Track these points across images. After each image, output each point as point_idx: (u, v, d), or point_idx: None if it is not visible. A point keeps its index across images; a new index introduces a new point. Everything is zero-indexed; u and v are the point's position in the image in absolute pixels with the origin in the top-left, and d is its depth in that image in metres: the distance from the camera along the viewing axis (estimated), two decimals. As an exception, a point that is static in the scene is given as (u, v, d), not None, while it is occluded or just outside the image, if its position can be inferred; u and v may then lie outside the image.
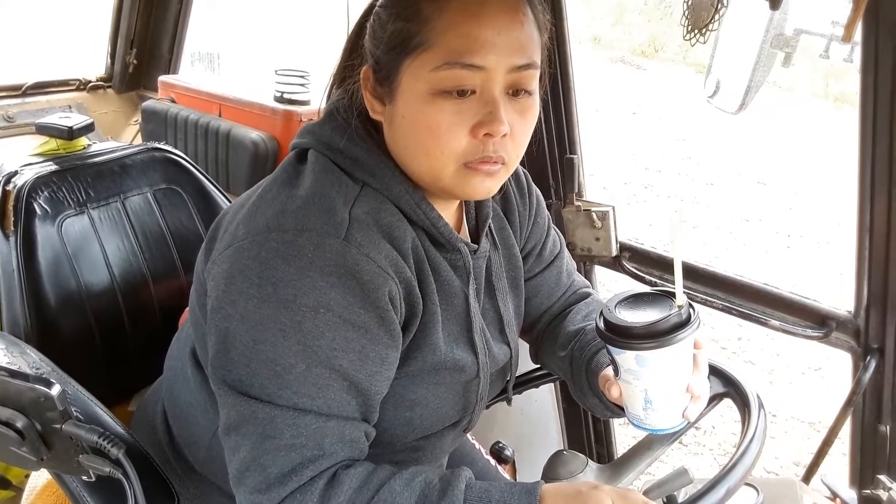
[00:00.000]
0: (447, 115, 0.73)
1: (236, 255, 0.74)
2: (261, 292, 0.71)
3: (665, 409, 0.78)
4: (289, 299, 0.70)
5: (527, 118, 0.78)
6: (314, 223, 0.73)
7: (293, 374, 0.70)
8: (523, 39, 0.74)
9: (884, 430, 1.24)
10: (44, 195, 1.16)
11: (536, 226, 1.02)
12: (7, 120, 2.14)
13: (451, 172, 0.76)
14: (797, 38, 1.02)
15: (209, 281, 0.78)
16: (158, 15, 2.29)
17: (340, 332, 0.71)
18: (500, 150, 0.76)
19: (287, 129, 1.91)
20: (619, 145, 6.54)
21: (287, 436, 0.70)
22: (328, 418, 0.72)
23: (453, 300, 0.85)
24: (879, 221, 1.13)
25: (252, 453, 0.71)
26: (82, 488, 0.90)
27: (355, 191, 0.78)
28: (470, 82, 0.73)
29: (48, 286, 1.14)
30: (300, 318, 0.70)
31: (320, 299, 0.70)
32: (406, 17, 0.75)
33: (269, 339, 0.70)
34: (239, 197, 0.87)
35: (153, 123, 2.13)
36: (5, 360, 0.97)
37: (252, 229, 0.75)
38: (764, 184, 6.16)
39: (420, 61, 0.74)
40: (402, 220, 0.79)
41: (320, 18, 7.43)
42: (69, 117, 1.27)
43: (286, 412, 0.70)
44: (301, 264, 0.70)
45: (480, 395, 0.91)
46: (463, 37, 0.72)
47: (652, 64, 10.24)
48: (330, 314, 0.70)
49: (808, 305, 1.29)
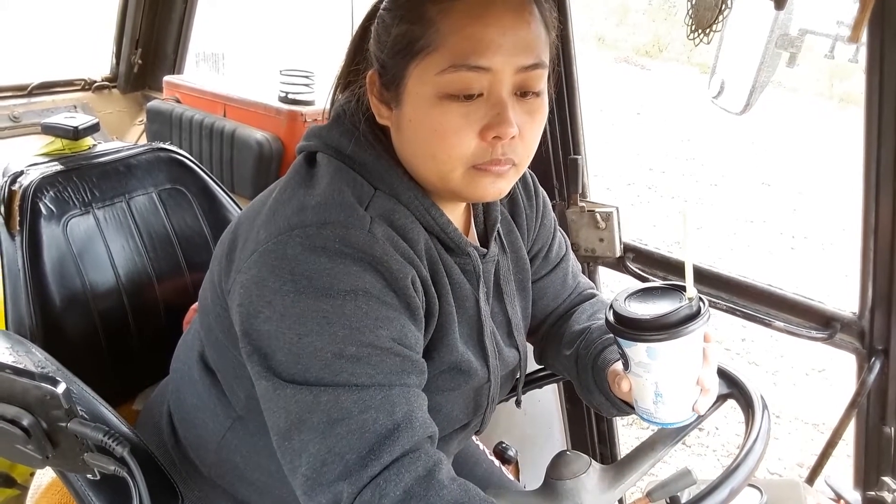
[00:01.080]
0: (454, 118, 0.73)
1: (262, 258, 0.73)
2: (296, 287, 0.70)
3: (675, 402, 0.79)
4: (326, 287, 0.69)
5: (536, 118, 0.77)
6: (336, 216, 0.73)
7: (345, 357, 0.69)
8: (530, 39, 0.73)
9: (888, 432, 1.24)
10: (49, 195, 1.16)
11: (543, 228, 1.01)
12: (13, 120, 2.14)
13: (459, 175, 0.75)
14: (802, 38, 1.02)
15: (237, 291, 0.75)
16: (163, 15, 2.29)
17: (382, 312, 0.71)
18: (510, 153, 0.75)
19: (292, 129, 1.92)
20: (623, 146, 6.53)
21: (356, 413, 0.67)
22: (391, 387, 0.70)
23: (465, 303, 0.85)
24: (884, 222, 1.13)
25: (325, 444, 0.67)
26: (87, 486, 0.90)
27: (370, 192, 0.78)
28: (477, 84, 0.72)
29: (53, 286, 1.14)
30: (341, 302, 0.69)
31: (356, 283, 0.70)
32: (410, 19, 0.74)
33: (314, 330, 0.69)
34: (249, 205, 0.86)
35: (158, 123, 2.13)
36: (11, 359, 0.97)
37: (273, 231, 0.74)
38: (768, 185, 6.15)
39: (425, 64, 0.73)
40: (414, 223, 0.79)
41: (325, 18, 7.44)
42: (74, 117, 1.28)
43: (349, 390, 0.68)
44: (331, 254, 0.70)
45: (491, 399, 0.91)
46: (468, 38, 0.71)
47: (656, 64, 10.22)
48: (367, 296, 0.70)
49: (813, 307, 1.29)
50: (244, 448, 0.88)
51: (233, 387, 0.86)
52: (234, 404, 0.87)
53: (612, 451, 1.75)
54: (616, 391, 0.86)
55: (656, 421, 0.81)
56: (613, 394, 0.89)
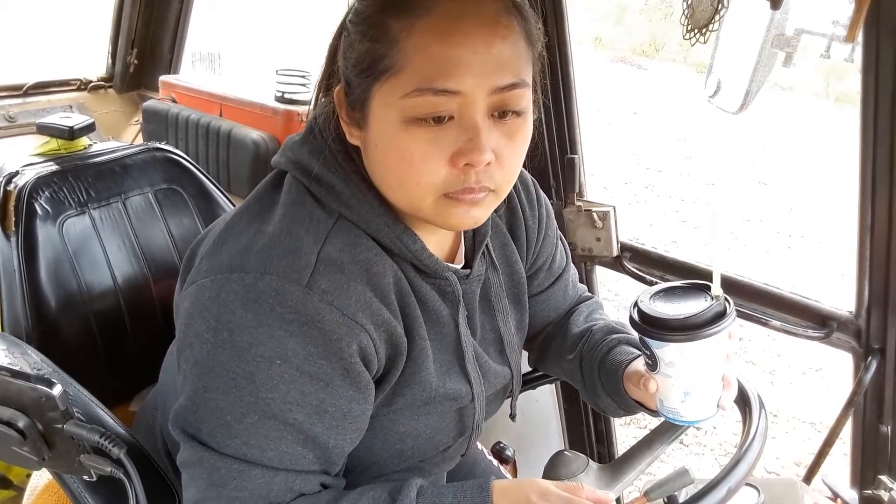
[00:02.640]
0: (422, 144, 0.66)
1: (197, 293, 0.70)
2: (216, 337, 0.67)
3: (702, 400, 0.79)
4: (244, 347, 0.66)
5: (516, 141, 0.70)
6: (277, 266, 0.68)
7: (243, 425, 0.67)
8: (505, 57, 0.66)
9: (885, 431, 1.24)
10: (45, 195, 1.16)
11: (547, 239, 0.97)
12: (8, 120, 2.14)
13: (429, 204, 0.70)
14: (798, 37, 1.02)
15: (177, 317, 0.74)
16: (159, 15, 2.29)
17: (296, 385, 0.67)
18: (485, 180, 0.69)
19: (288, 129, 1.91)
20: (620, 145, 6.53)
21: (231, 487, 0.68)
22: (276, 472, 0.68)
23: (443, 329, 0.80)
24: (880, 221, 1.13)
25: (198, 496, 0.70)
26: (83, 488, 0.90)
27: (328, 226, 0.72)
28: (446, 108, 0.66)
29: (49, 286, 1.14)
30: (253, 368, 0.66)
31: (277, 349, 0.66)
32: (373, 36, 0.68)
33: (220, 388, 0.67)
34: (213, 223, 0.85)
35: (154, 123, 2.13)
36: (6, 361, 0.97)
37: (214, 266, 0.70)
38: (765, 184, 6.16)
39: (389, 86, 0.67)
40: (380, 255, 0.74)
41: (322, 18, 7.40)
42: (70, 117, 1.27)
43: (232, 463, 0.67)
44: (260, 311, 0.66)
45: (477, 423, 0.87)
46: (434, 59, 0.65)
47: (653, 64, 10.24)
48: (286, 366, 0.66)
49: (810, 306, 1.29)
50: None
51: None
52: None
53: (609, 450, 1.75)
54: (635, 393, 0.85)
55: (683, 420, 0.81)
56: (627, 394, 0.87)
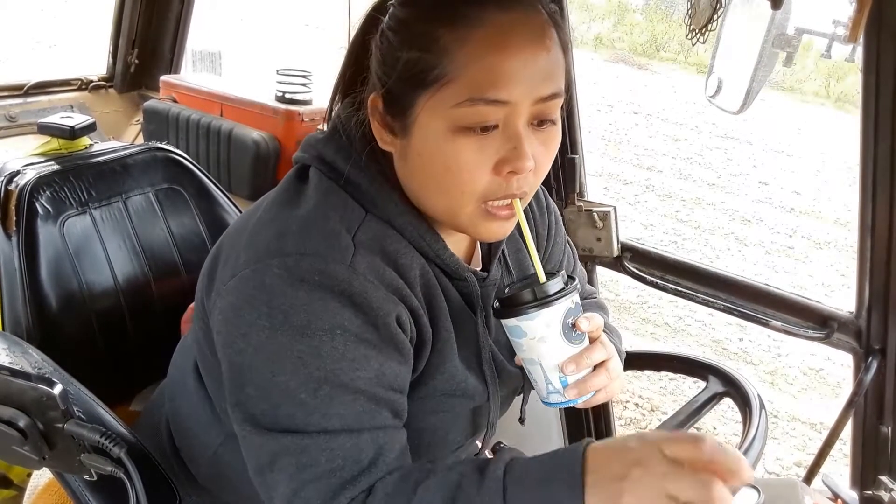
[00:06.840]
0: (469, 153, 0.68)
1: (240, 285, 0.70)
2: (272, 322, 0.67)
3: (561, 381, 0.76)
4: (302, 325, 0.67)
5: (550, 148, 0.73)
6: (317, 246, 0.69)
7: (318, 399, 0.67)
8: (549, 67, 0.69)
9: (885, 431, 1.24)
10: (46, 195, 1.16)
11: (556, 246, 0.99)
12: (9, 120, 2.14)
13: (469, 211, 0.72)
14: (799, 37, 1.02)
15: (215, 314, 0.74)
16: (160, 14, 2.29)
17: (360, 351, 0.68)
18: (524, 186, 0.72)
19: (289, 128, 1.92)
20: (619, 145, 6.53)
21: (323, 462, 0.67)
22: (360, 433, 0.69)
23: (465, 327, 0.82)
24: (881, 221, 1.13)
25: (292, 486, 0.68)
26: (84, 487, 0.90)
27: (360, 215, 0.74)
28: (493, 117, 0.68)
29: (50, 286, 1.14)
30: (317, 342, 0.67)
31: (334, 320, 0.67)
32: (422, 46, 0.68)
33: (287, 370, 0.67)
34: (238, 218, 0.84)
35: (155, 123, 2.13)
36: (7, 360, 0.97)
37: (252, 256, 0.71)
38: (765, 184, 6.16)
39: (440, 96, 0.68)
40: (408, 248, 0.76)
41: (321, 18, 7.44)
42: (71, 117, 1.27)
43: (318, 438, 0.67)
44: (309, 287, 0.67)
45: (491, 422, 0.89)
46: (487, 70, 0.66)
47: (653, 64, 10.24)
48: (346, 334, 0.68)
49: (810, 306, 1.29)
50: (236, 464, 0.85)
51: (223, 404, 0.83)
52: (224, 421, 0.85)
53: (609, 450, 1.75)
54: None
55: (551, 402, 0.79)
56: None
